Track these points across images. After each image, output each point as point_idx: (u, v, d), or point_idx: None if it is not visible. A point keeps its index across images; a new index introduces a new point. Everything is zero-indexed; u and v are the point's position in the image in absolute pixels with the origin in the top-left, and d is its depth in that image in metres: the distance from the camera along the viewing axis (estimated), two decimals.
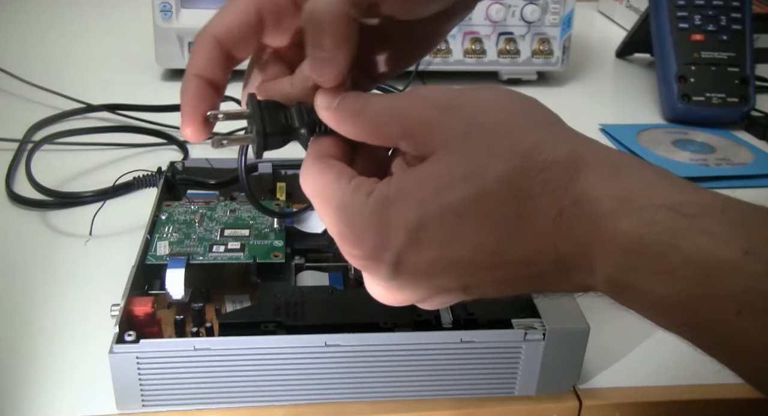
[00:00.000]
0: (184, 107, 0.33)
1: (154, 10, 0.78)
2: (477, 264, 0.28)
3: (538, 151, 0.27)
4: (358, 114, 0.30)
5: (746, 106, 0.77)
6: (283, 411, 0.39)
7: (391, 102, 0.29)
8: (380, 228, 0.28)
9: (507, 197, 0.26)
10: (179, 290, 0.41)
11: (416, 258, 0.28)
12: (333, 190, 0.29)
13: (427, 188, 0.27)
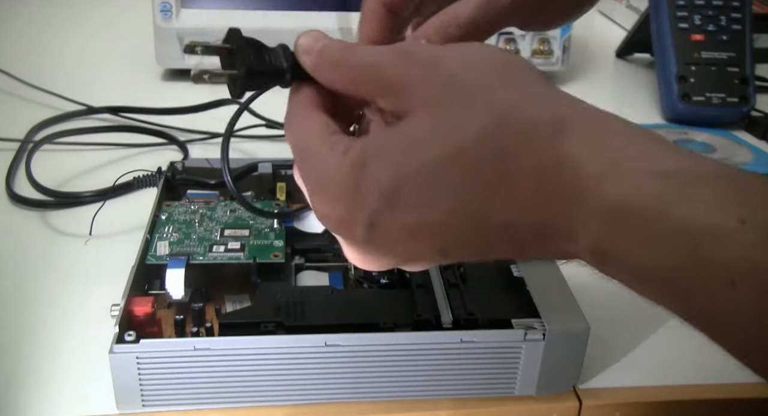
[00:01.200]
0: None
1: (154, 10, 0.78)
2: (454, 228, 0.27)
3: (519, 109, 0.26)
4: (337, 64, 0.29)
5: (746, 106, 0.77)
6: (283, 411, 0.39)
7: (373, 56, 0.28)
8: (354, 190, 0.27)
9: (485, 156, 0.25)
10: (179, 290, 0.41)
11: (391, 222, 0.27)
12: (313, 144, 0.28)
13: (403, 148, 0.26)
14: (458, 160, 0.26)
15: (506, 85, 0.27)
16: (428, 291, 0.42)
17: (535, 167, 0.25)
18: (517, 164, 0.25)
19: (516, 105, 0.26)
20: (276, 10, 0.80)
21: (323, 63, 0.29)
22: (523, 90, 0.27)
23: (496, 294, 0.43)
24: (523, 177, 0.25)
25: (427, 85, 0.27)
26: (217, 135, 0.69)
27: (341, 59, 0.29)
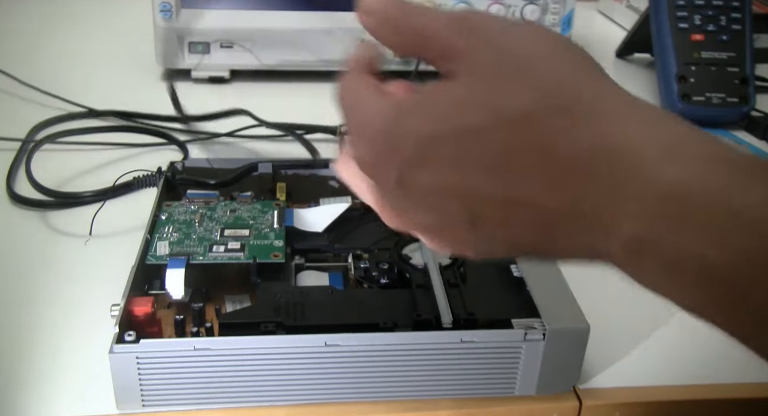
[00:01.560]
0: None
1: (154, 10, 0.78)
2: (484, 197, 0.26)
3: (567, 87, 0.26)
4: (398, 29, 0.29)
5: (746, 106, 0.77)
6: (283, 411, 0.39)
7: (433, 22, 0.29)
8: (391, 133, 0.27)
9: (525, 129, 0.25)
10: (179, 290, 0.41)
11: (423, 173, 0.27)
12: (362, 94, 0.29)
13: (446, 106, 0.27)
14: (497, 127, 0.26)
15: (557, 63, 0.27)
16: (428, 291, 0.42)
17: (577, 146, 0.25)
18: (558, 141, 0.25)
19: (564, 83, 0.26)
20: (276, 10, 0.80)
21: (385, 26, 0.30)
22: (572, 71, 0.27)
23: (496, 294, 0.43)
24: (563, 154, 0.25)
25: (480, 52, 0.27)
26: (216, 135, 0.69)
27: (402, 24, 0.29)
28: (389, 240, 0.47)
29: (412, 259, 0.45)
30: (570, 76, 0.26)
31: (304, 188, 0.55)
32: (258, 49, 0.81)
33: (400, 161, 0.27)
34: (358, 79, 0.30)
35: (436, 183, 0.27)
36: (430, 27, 0.29)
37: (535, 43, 0.27)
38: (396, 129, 0.27)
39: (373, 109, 0.29)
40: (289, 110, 0.75)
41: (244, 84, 0.83)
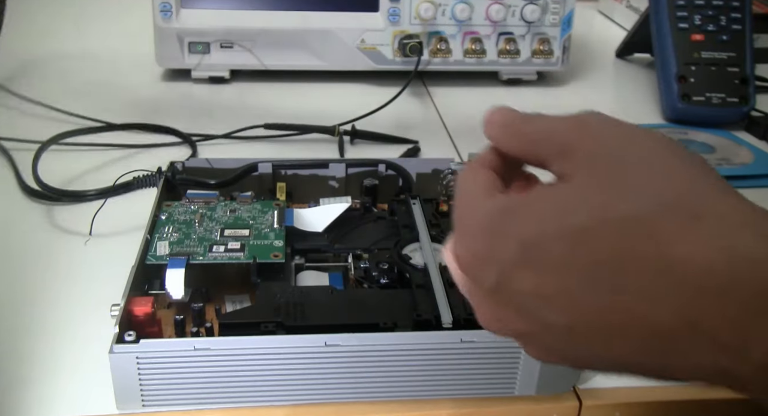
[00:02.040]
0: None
1: (154, 10, 0.78)
2: (587, 303, 0.25)
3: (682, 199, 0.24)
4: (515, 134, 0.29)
5: (746, 106, 0.77)
6: (283, 411, 0.39)
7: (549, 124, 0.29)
8: (494, 234, 0.27)
9: (637, 236, 0.24)
10: (179, 290, 0.41)
11: (523, 277, 0.26)
12: (473, 190, 0.29)
13: (553, 208, 0.26)
14: (605, 230, 0.24)
15: (677, 172, 0.25)
16: (428, 291, 0.42)
17: (696, 257, 0.23)
18: (673, 251, 0.23)
19: (684, 193, 0.25)
20: (276, 10, 0.80)
21: (505, 133, 0.30)
22: (693, 181, 0.25)
23: None
24: (679, 266, 0.23)
25: (595, 154, 0.27)
26: (215, 136, 0.69)
27: (521, 129, 0.29)
28: (389, 240, 0.47)
29: (412, 259, 0.45)
30: (690, 186, 0.25)
31: (304, 188, 0.55)
32: (258, 49, 0.81)
33: (499, 263, 0.26)
34: (475, 174, 0.30)
35: (536, 287, 0.26)
36: (548, 128, 0.28)
37: (655, 150, 0.26)
38: (498, 229, 0.27)
39: (480, 207, 0.28)
40: (290, 110, 0.75)
41: (244, 84, 0.83)
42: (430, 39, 0.82)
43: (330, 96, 0.81)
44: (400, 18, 0.81)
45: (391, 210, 0.51)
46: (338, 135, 0.69)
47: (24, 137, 0.65)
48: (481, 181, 0.29)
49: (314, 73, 0.83)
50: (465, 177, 0.30)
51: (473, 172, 0.30)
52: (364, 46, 0.81)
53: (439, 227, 0.49)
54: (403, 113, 0.78)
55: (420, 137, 0.70)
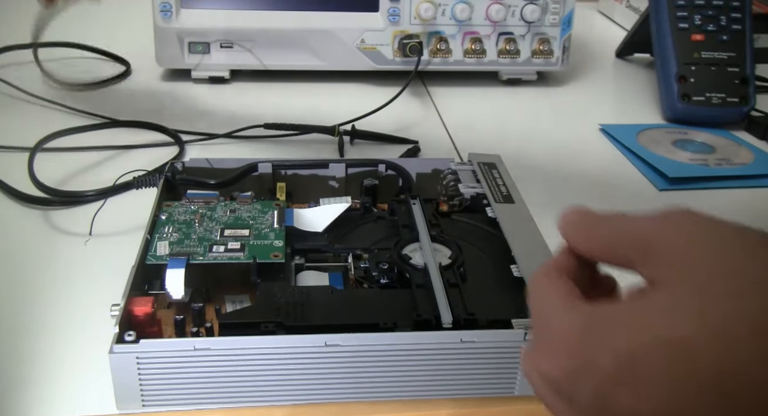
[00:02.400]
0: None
1: (154, 10, 0.78)
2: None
3: None
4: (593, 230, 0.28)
5: (746, 106, 0.77)
6: (283, 411, 0.39)
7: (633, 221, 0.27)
8: (585, 348, 0.25)
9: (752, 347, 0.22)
10: (179, 290, 0.41)
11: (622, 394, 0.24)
12: (552, 302, 0.27)
13: (648, 314, 0.24)
14: (713, 341, 0.22)
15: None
16: (428, 291, 0.42)
17: None
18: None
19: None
20: (276, 10, 0.80)
21: (581, 234, 0.29)
22: None
23: (496, 294, 0.43)
24: None
25: (686, 257, 0.25)
26: (215, 135, 0.69)
27: (599, 229, 0.28)
28: (389, 240, 0.47)
29: (412, 259, 0.45)
30: None
31: (304, 188, 0.55)
32: (258, 49, 0.81)
33: (593, 380, 0.24)
34: (551, 282, 0.28)
35: (638, 405, 0.24)
36: (633, 228, 0.27)
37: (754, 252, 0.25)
38: (589, 344, 0.25)
39: (564, 320, 0.26)
40: (289, 110, 0.75)
41: (244, 84, 0.83)
42: (430, 39, 0.82)
43: (330, 96, 0.81)
44: (400, 18, 0.81)
45: (391, 210, 0.51)
46: (338, 135, 0.69)
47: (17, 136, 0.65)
48: (559, 290, 0.28)
49: (314, 73, 0.83)
50: (540, 286, 0.29)
51: (549, 279, 0.28)
52: (364, 46, 0.81)
53: (439, 227, 0.49)
54: (403, 113, 0.78)
55: (420, 137, 0.70)
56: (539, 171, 0.67)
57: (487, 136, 0.74)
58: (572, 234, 0.29)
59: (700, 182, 0.66)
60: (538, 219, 0.48)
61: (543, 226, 0.47)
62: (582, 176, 0.67)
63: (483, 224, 0.50)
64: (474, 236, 0.48)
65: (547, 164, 0.69)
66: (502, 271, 0.44)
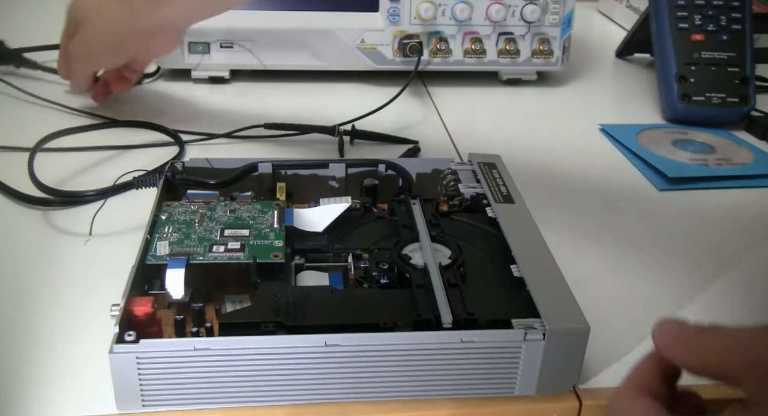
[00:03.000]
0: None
1: None
2: None
3: None
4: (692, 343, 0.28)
5: (746, 106, 0.77)
6: (283, 411, 0.39)
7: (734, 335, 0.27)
8: None
9: None
10: (179, 290, 0.41)
11: None
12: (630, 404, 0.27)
13: None
14: None
15: None
16: (428, 291, 0.42)
17: None
18: None
19: None
20: (276, 10, 0.80)
21: (678, 343, 0.28)
22: None
23: (496, 294, 0.43)
24: None
25: None
26: (215, 135, 0.69)
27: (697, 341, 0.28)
28: (389, 240, 0.47)
29: (412, 259, 0.45)
30: None
31: (304, 188, 0.55)
32: (258, 49, 0.81)
33: None
34: (635, 398, 0.28)
35: None
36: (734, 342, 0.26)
37: None
38: None
39: None
40: (289, 110, 0.75)
41: (244, 84, 0.83)
42: (430, 39, 0.82)
43: (330, 96, 0.81)
44: (400, 18, 0.81)
45: (391, 210, 0.51)
46: (338, 135, 0.69)
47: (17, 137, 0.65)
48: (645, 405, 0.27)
49: (314, 73, 0.83)
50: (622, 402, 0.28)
51: (632, 394, 0.28)
52: (364, 46, 0.81)
53: (439, 227, 0.49)
54: (403, 113, 0.78)
55: (420, 137, 0.70)
56: (539, 171, 0.67)
57: (487, 136, 0.74)
58: (672, 344, 0.28)
59: (700, 182, 0.66)
60: (538, 220, 0.48)
61: (543, 226, 0.47)
62: (582, 176, 0.67)
63: (483, 224, 0.50)
64: (474, 236, 0.48)
65: (547, 164, 0.69)
66: (502, 271, 0.44)
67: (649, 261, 0.55)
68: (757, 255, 0.56)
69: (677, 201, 0.64)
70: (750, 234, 0.59)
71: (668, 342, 0.29)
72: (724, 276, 0.53)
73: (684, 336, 0.28)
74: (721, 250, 0.56)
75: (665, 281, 0.52)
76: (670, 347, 0.29)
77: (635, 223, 0.60)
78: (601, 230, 0.59)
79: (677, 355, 0.28)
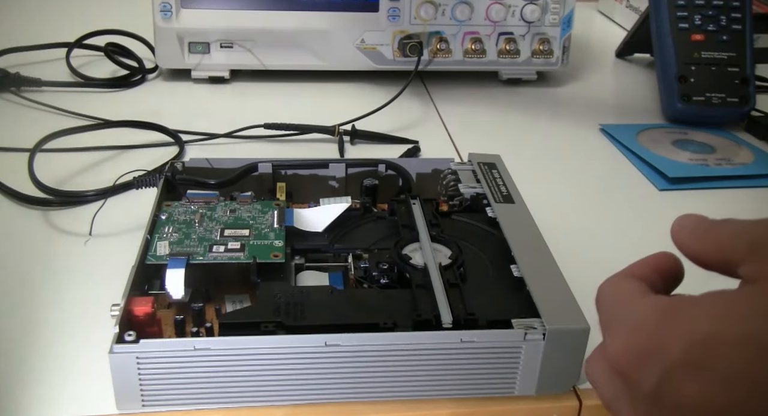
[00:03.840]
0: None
1: (154, 10, 0.78)
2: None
3: None
4: (706, 232, 0.28)
5: (746, 106, 0.77)
6: (283, 411, 0.39)
7: (742, 222, 0.27)
8: (660, 328, 0.24)
9: None
10: (179, 290, 0.41)
11: (688, 383, 0.23)
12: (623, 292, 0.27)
13: (734, 308, 0.23)
14: None
15: None
16: (428, 291, 0.42)
17: None
18: None
19: None
20: (276, 10, 0.80)
21: (693, 235, 0.28)
22: None
23: (496, 294, 0.43)
24: None
25: None
26: (215, 135, 0.69)
27: (710, 230, 0.28)
28: (389, 240, 0.47)
29: (412, 259, 0.45)
30: None
31: (304, 188, 0.55)
32: (258, 49, 0.81)
33: (663, 362, 0.23)
34: (622, 281, 0.28)
35: (700, 396, 0.23)
36: (741, 228, 0.26)
37: None
38: (665, 324, 0.24)
39: (640, 303, 0.26)
40: (289, 110, 0.75)
41: (244, 84, 0.83)
42: (430, 39, 0.82)
43: (330, 96, 0.81)
44: (400, 18, 0.81)
45: (391, 210, 0.51)
46: (338, 135, 0.69)
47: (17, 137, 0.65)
48: (631, 285, 0.27)
49: (314, 73, 0.83)
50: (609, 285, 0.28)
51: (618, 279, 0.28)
52: (364, 46, 0.81)
53: (439, 227, 0.49)
54: (403, 113, 0.78)
55: (420, 137, 0.70)
56: (539, 171, 0.67)
57: (487, 136, 0.74)
58: (684, 235, 0.28)
59: (700, 182, 0.66)
60: (538, 220, 0.48)
61: (543, 226, 0.47)
62: (582, 176, 0.67)
63: (483, 224, 0.50)
64: (474, 236, 0.48)
65: (547, 164, 0.69)
66: (502, 271, 0.44)
67: None
68: None
69: (677, 201, 0.64)
70: None
71: (685, 233, 0.28)
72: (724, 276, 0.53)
73: (702, 226, 0.28)
74: None
75: None
76: (689, 237, 0.28)
77: (635, 223, 0.60)
78: (601, 230, 0.59)
79: (690, 246, 0.28)
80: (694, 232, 0.28)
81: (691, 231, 0.28)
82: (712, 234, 0.27)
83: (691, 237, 0.28)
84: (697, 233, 0.28)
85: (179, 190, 0.52)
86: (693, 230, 0.28)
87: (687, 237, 0.28)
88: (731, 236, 0.27)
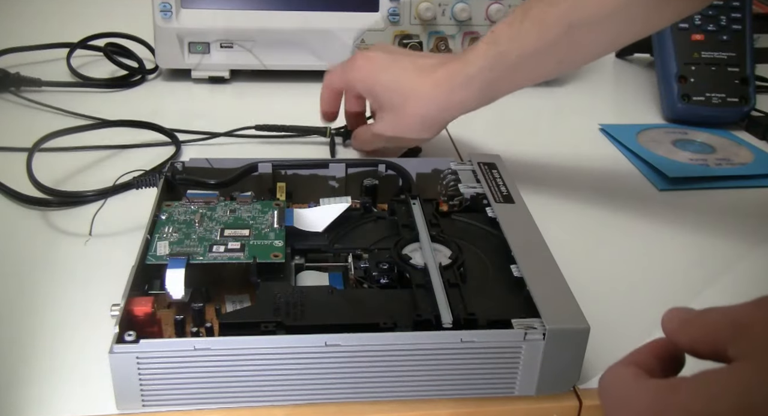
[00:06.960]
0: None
1: (154, 10, 0.78)
2: None
3: None
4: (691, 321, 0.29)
5: (746, 106, 0.77)
6: (283, 411, 0.39)
7: (725, 308, 0.29)
8: (654, 408, 0.26)
9: None
10: (179, 290, 0.41)
11: None
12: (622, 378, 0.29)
13: (726, 384, 0.25)
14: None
15: None
16: (428, 291, 0.42)
17: None
18: None
19: None
20: (276, 10, 0.80)
21: (683, 324, 0.30)
22: None
23: (496, 294, 0.43)
24: None
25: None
26: (215, 135, 0.69)
27: (697, 318, 0.29)
28: (389, 240, 0.47)
29: (412, 259, 0.45)
30: None
31: (304, 188, 0.55)
32: (258, 49, 0.81)
33: None
34: (622, 368, 0.30)
35: None
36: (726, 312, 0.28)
37: None
38: (661, 406, 0.26)
39: (638, 387, 0.27)
40: (289, 110, 0.75)
41: (244, 84, 0.83)
42: (430, 39, 0.82)
43: None
44: (400, 18, 0.81)
45: (391, 210, 0.51)
46: (329, 136, 0.69)
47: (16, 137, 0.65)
48: (631, 370, 0.29)
49: (314, 73, 0.83)
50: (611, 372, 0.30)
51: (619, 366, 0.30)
52: (364, 46, 0.81)
53: (439, 227, 0.49)
54: None
55: None
56: (539, 171, 0.67)
57: (487, 136, 0.74)
58: (674, 326, 0.30)
59: (700, 182, 0.66)
60: (538, 220, 0.48)
61: (543, 226, 0.47)
62: (582, 176, 0.67)
63: (483, 224, 0.50)
64: (474, 236, 0.48)
65: (547, 164, 0.69)
66: (502, 271, 0.44)
67: (649, 261, 0.55)
68: (758, 255, 0.56)
69: (677, 201, 0.64)
70: (750, 234, 0.59)
71: (674, 325, 0.30)
72: (725, 276, 0.53)
73: (688, 316, 0.30)
74: (721, 250, 0.56)
75: (665, 281, 0.52)
76: (676, 330, 0.30)
77: (635, 223, 0.60)
78: (601, 230, 0.59)
79: (681, 337, 0.30)
80: (683, 322, 0.30)
81: (681, 320, 0.30)
82: (698, 321, 0.29)
83: (680, 327, 0.30)
84: (687, 321, 0.30)
85: (179, 189, 0.52)
86: (682, 320, 0.30)
87: (677, 328, 0.30)
88: (716, 320, 0.28)
